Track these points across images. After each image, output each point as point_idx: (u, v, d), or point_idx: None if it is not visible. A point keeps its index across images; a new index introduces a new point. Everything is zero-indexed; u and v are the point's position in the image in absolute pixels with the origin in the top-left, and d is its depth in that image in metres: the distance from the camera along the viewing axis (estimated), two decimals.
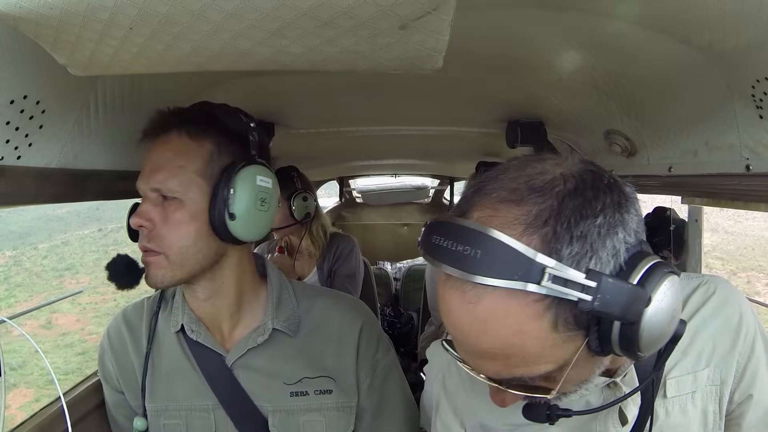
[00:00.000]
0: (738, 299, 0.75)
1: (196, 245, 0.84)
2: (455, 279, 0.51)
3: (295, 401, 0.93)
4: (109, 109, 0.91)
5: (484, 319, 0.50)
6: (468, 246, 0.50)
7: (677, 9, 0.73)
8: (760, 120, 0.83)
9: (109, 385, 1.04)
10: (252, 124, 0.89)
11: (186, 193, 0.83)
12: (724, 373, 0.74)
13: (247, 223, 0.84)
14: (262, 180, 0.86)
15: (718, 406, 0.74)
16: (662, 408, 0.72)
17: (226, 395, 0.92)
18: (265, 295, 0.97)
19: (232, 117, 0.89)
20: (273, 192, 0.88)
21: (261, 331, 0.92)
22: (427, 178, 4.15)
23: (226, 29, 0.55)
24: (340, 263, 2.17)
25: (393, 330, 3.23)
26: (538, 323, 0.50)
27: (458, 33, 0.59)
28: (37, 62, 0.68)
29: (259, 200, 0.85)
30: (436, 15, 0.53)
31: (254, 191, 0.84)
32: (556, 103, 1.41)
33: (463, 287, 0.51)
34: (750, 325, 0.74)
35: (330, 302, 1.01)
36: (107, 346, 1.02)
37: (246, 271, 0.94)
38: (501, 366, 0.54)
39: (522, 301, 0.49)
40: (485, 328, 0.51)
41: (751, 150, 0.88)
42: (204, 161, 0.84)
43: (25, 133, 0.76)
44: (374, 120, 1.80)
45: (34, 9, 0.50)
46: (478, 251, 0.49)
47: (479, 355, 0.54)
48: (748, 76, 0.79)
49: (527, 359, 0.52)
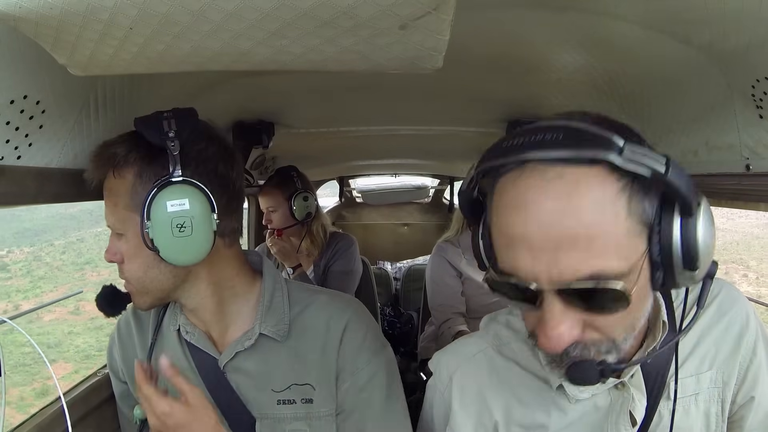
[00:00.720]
0: (741, 302, 0.76)
1: (147, 275, 0.86)
2: (533, 168, 0.54)
3: (282, 409, 0.92)
4: (110, 109, 0.91)
5: (568, 194, 0.52)
6: (548, 133, 0.53)
7: (677, 9, 0.73)
8: (760, 120, 0.83)
9: (115, 375, 1.05)
10: (171, 133, 0.80)
11: (125, 228, 0.83)
12: (726, 375, 0.74)
13: (174, 252, 0.80)
14: (173, 205, 0.79)
15: (721, 408, 0.74)
16: (666, 409, 0.73)
17: (219, 396, 0.92)
18: (256, 297, 0.95)
19: (153, 131, 0.82)
20: (193, 212, 0.79)
21: (249, 335, 0.91)
22: (427, 177, 4.14)
23: (226, 29, 0.55)
24: (336, 259, 2.16)
25: (393, 330, 3.23)
26: (616, 201, 0.52)
27: (458, 33, 0.59)
28: (37, 62, 0.68)
29: (176, 227, 0.79)
30: (436, 15, 0.53)
31: (166, 220, 0.79)
32: (556, 103, 1.41)
33: (544, 171, 0.53)
34: (752, 327, 0.74)
35: (322, 303, 0.97)
36: (116, 337, 1.04)
37: (226, 278, 0.92)
38: (580, 257, 0.52)
39: (602, 179, 0.52)
40: (569, 205, 0.52)
41: (751, 150, 0.88)
42: (128, 194, 0.83)
43: (25, 133, 0.76)
44: (374, 120, 1.80)
45: (34, 9, 0.50)
46: (559, 134, 0.53)
47: (557, 246, 0.53)
48: (748, 76, 0.79)
49: (606, 246, 0.52)
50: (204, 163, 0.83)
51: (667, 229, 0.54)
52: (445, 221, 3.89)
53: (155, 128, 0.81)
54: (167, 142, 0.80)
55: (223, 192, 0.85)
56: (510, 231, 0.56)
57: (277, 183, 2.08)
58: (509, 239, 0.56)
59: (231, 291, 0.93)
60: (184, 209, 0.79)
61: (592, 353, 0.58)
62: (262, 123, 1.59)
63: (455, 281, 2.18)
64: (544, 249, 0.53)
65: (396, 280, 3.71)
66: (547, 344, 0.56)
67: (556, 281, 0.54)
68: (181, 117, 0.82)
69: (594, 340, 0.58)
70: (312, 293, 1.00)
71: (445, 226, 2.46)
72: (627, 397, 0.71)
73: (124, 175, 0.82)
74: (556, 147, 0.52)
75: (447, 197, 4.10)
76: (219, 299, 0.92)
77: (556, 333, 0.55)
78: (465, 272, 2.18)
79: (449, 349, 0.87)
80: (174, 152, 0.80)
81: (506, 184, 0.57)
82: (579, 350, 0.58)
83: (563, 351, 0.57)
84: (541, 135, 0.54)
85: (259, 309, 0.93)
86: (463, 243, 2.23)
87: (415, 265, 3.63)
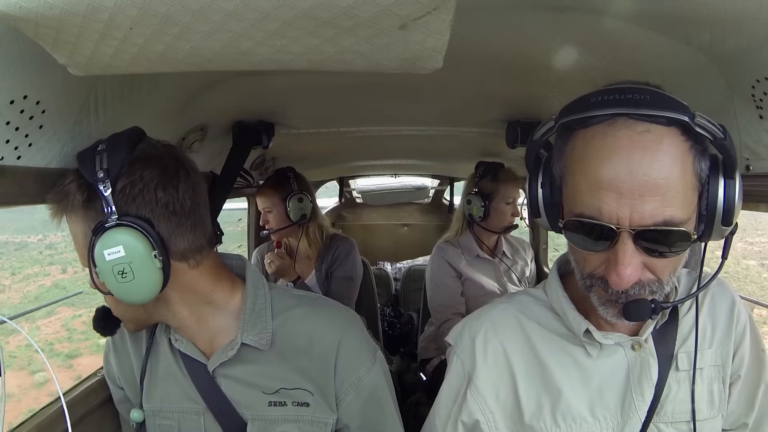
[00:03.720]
0: (730, 290, 0.86)
1: (118, 309, 0.90)
2: (623, 122, 0.62)
3: (274, 411, 0.92)
4: (109, 108, 0.91)
5: (655, 147, 0.61)
6: (637, 94, 0.62)
7: (677, 9, 0.73)
8: (760, 120, 0.83)
9: (112, 381, 1.07)
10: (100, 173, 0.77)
11: (87, 266, 0.83)
12: (724, 355, 0.82)
13: (125, 294, 0.80)
14: (110, 253, 0.77)
15: (722, 384, 0.82)
16: (674, 381, 0.79)
17: (211, 400, 0.93)
18: (238, 305, 0.93)
19: (87, 169, 0.79)
20: (130, 257, 0.77)
21: (231, 346, 0.91)
22: (426, 178, 4.14)
23: (226, 29, 0.55)
24: (338, 265, 2.15)
25: (393, 330, 3.22)
26: (685, 159, 0.62)
27: (458, 33, 0.59)
28: (37, 62, 0.68)
29: (118, 273, 0.77)
30: (436, 15, 0.53)
31: (108, 268, 0.78)
32: (556, 103, 1.40)
33: (634, 125, 0.62)
34: (741, 311, 0.84)
35: (306, 312, 0.95)
36: (111, 344, 1.04)
37: (201, 296, 0.90)
38: (658, 204, 0.61)
39: (677, 139, 0.62)
40: (655, 156, 0.61)
41: (751, 150, 0.88)
42: (82, 238, 0.82)
43: (25, 133, 0.75)
44: (374, 120, 1.80)
45: (34, 9, 0.50)
46: (646, 95, 0.62)
47: (642, 191, 0.61)
48: (748, 76, 0.79)
49: (676, 197, 0.62)
50: (140, 195, 0.79)
51: (714, 187, 0.65)
52: (445, 222, 3.89)
53: (88, 166, 0.79)
54: (97, 184, 0.78)
55: (170, 217, 0.81)
56: (598, 176, 0.63)
57: (274, 184, 2.08)
58: (596, 184, 0.63)
59: (210, 306, 0.91)
60: (120, 256, 0.77)
61: (646, 292, 0.67)
62: (262, 123, 1.59)
63: (455, 282, 2.18)
64: (631, 193, 0.61)
65: (396, 280, 3.71)
66: (617, 281, 0.64)
67: (637, 224, 0.62)
68: (113, 148, 0.80)
69: (648, 280, 0.67)
70: (295, 301, 0.97)
71: (445, 226, 2.46)
72: (646, 357, 0.78)
73: (74, 219, 0.83)
74: (645, 106, 0.61)
75: (447, 198, 4.10)
76: (198, 316, 0.91)
77: (628, 271, 0.63)
78: (465, 273, 2.18)
79: (470, 317, 0.89)
80: (105, 193, 0.77)
81: (595, 134, 0.64)
82: (637, 289, 0.66)
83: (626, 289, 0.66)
84: (630, 94, 0.62)
85: (240, 318, 0.91)
86: (463, 243, 2.23)
87: (415, 266, 3.63)
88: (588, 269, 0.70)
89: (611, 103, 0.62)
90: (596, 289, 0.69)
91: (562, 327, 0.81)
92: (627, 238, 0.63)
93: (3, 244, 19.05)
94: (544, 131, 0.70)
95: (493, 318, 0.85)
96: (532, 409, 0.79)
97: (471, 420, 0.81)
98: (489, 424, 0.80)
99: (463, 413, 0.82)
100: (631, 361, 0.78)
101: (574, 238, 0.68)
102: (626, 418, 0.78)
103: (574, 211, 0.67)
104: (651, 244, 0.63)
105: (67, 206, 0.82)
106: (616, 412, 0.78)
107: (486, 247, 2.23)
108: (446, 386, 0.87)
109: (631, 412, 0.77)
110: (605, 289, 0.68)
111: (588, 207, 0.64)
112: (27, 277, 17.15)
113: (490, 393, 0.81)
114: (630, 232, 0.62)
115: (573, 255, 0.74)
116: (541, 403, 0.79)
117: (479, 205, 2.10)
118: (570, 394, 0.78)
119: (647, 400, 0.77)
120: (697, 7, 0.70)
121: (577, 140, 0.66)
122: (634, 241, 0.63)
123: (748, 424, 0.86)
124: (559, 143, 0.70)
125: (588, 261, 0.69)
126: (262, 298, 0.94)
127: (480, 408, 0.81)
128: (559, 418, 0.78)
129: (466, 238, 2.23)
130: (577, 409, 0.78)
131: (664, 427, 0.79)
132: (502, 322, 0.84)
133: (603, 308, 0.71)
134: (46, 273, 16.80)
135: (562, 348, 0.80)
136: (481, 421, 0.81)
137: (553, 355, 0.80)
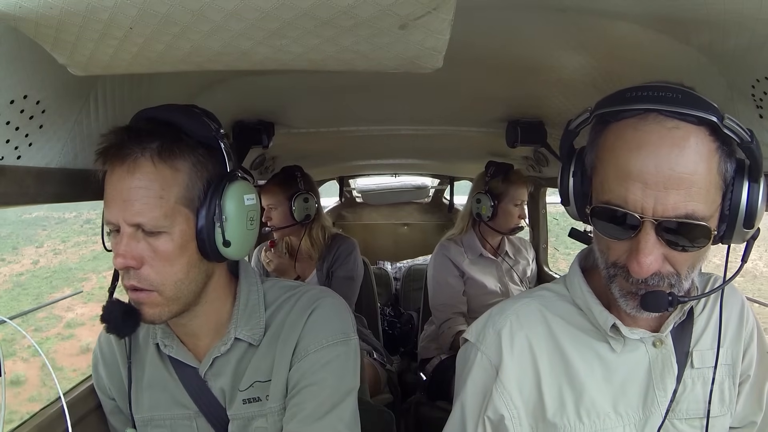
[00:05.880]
0: (737, 292, 0.88)
1: (189, 276, 0.81)
2: (653, 117, 0.65)
3: (249, 408, 0.90)
4: (110, 108, 0.91)
5: (683, 143, 0.63)
6: (670, 92, 0.65)
7: (677, 9, 0.73)
8: (760, 120, 0.83)
9: (103, 392, 1.04)
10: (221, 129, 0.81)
11: (172, 226, 0.76)
12: (734, 354, 0.84)
13: (241, 246, 0.81)
14: (249, 198, 0.80)
15: (732, 383, 0.84)
16: (689, 378, 0.80)
17: (203, 404, 0.92)
18: (232, 300, 0.92)
19: (198, 124, 0.79)
20: (258, 206, 0.83)
21: (224, 341, 0.90)
22: (426, 177, 4.13)
23: (226, 29, 0.55)
24: (338, 264, 2.15)
25: (393, 330, 3.22)
26: (711, 158, 0.65)
27: (458, 33, 0.59)
28: (37, 62, 0.68)
29: (249, 220, 0.80)
30: (436, 14, 0.53)
31: (244, 212, 0.79)
32: (556, 103, 1.41)
33: (664, 121, 0.64)
34: (750, 314, 0.87)
35: (294, 298, 0.93)
36: (99, 355, 1.01)
37: (224, 284, 0.91)
38: (681, 197, 0.64)
39: (705, 138, 0.64)
40: (681, 152, 0.63)
41: None
42: (183, 187, 0.77)
43: (25, 133, 0.75)
44: (374, 119, 1.80)
45: (34, 9, 0.50)
46: (678, 94, 0.65)
47: (667, 184, 0.63)
48: (748, 76, 0.79)
49: (699, 193, 0.64)
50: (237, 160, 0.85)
51: (738, 189, 0.67)
52: (445, 221, 3.90)
53: (200, 123, 0.81)
54: (219, 138, 0.81)
55: None
56: (627, 167, 0.65)
57: (280, 181, 2.07)
58: (625, 174, 0.66)
59: (224, 295, 0.92)
60: (254, 203, 0.82)
61: (665, 284, 0.69)
62: (262, 123, 1.58)
63: (457, 281, 2.18)
64: (656, 185, 0.64)
65: (396, 280, 3.70)
66: (638, 269, 0.66)
67: (660, 215, 0.64)
68: (209, 114, 0.83)
69: (668, 273, 0.69)
70: (286, 290, 0.96)
71: (445, 226, 2.46)
72: (667, 353, 0.79)
73: (177, 165, 0.77)
74: (677, 104, 0.64)
75: (447, 197, 4.09)
76: (218, 305, 0.91)
77: (648, 260, 0.66)
78: (467, 272, 2.17)
79: (491, 312, 0.87)
80: (227, 149, 0.81)
81: (626, 127, 0.67)
82: (656, 280, 0.68)
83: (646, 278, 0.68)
84: (663, 92, 0.65)
85: (234, 313, 0.91)
86: (467, 242, 2.22)
87: (415, 265, 3.62)
88: (612, 258, 0.72)
89: (644, 99, 0.65)
90: (618, 279, 0.71)
91: (586, 322, 0.81)
92: (650, 228, 0.65)
93: (44, 218, 19.92)
94: (579, 122, 0.73)
95: (518, 312, 0.84)
96: (555, 405, 0.79)
97: (496, 416, 0.80)
98: (513, 420, 0.79)
99: (489, 409, 0.80)
100: (652, 357, 0.79)
101: (599, 225, 0.71)
102: (648, 414, 0.78)
103: (601, 199, 0.70)
104: (672, 236, 0.66)
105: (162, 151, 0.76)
106: (638, 408, 0.79)
107: (490, 246, 2.22)
108: (470, 384, 0.84)
109: (653, 407, 0.78)
110: (626, 279, 0.70)
111: (615, 195, 0.67)
112: (77, 244, 18.42)
113: (514, 388, 0.80)
114: (653, 222, 0.65)
115: (598, 244, 0.75)
116: (564, 399, 0.79)
117: (488, 205, 2.09)
118: (593, 390, 0.78)
119: (669, 396, 0.78)
120: (697, 7, 0.70)
121: (610, 132, 0.69)
122: (656, 232, 0.65)
123: (757, 422, 0.88)
124: (593, 134, 0.73)
125: (612, 249, 0.71)
126: (254, 293, 0.94)
127: (505, 403, 0.80)
128: (583, 415, 0.78)
129: (469, 236, 2.23)
130: (600, 405, 0.78)
131: (678, 423, 0.80)
132: (527, 316, 0.83)
133: (623, 300, 0.72)
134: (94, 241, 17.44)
135: (585, 343, 0.80)
136: (506, 416, 0.79)
137: (576, 350, 0.80)
